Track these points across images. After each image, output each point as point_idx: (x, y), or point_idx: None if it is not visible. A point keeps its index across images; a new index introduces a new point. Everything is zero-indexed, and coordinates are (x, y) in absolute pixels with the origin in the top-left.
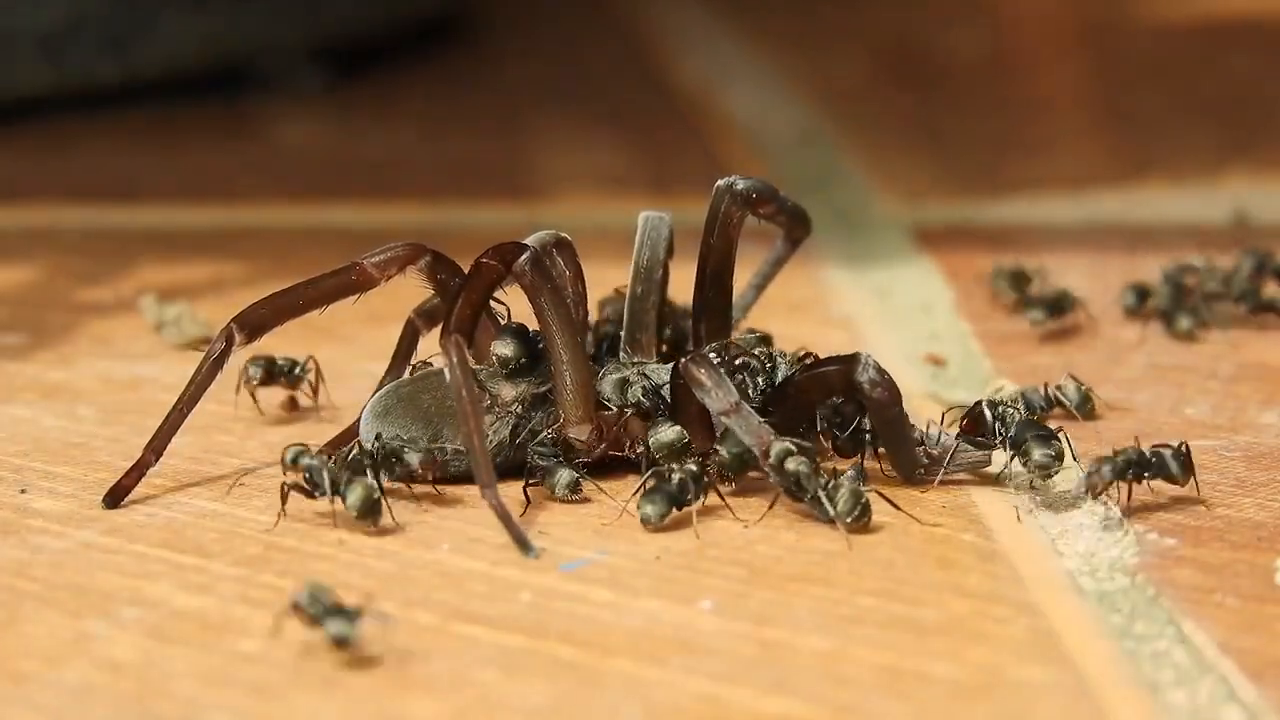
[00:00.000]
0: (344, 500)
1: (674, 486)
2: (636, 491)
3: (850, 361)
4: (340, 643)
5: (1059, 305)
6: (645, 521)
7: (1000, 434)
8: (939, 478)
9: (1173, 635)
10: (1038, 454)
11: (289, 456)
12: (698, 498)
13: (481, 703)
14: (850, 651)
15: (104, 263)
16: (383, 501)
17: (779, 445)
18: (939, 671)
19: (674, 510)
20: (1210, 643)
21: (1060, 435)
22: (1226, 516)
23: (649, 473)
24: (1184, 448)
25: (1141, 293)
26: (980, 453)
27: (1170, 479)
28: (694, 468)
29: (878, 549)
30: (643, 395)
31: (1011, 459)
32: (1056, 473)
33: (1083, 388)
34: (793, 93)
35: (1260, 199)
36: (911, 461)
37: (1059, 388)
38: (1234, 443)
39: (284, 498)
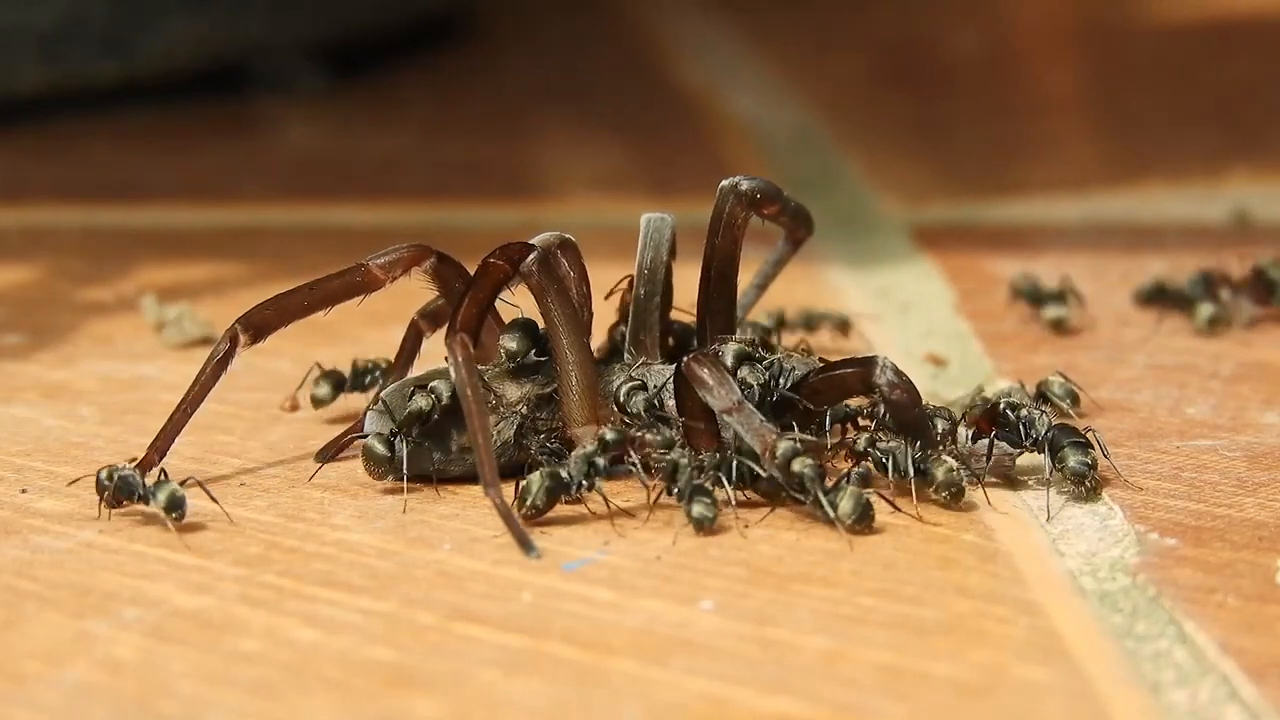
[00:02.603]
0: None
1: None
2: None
3: (868, 363)
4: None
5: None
6: (700, 524)
7: (1028, 434)
8: (971, 474)
9: (1174, 635)
10: (1073, 461)
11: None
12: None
13: (482, 703)
14: (851, 651)
15: (104, 263)
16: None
17: (785, 444)
18: (940, 671)
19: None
20: (1211, 643)
21: (1093, 439)
22: (1227, 516)
23: (684, 474)
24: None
25: (1209, 280)
26: (1006, 453)
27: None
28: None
29: (879, 549)
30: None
31: (1043, 456)
32: (1090, 481)
33: (1067, 384)
34: (793, 94)
35: (1260, 199)
36: None
37: (1045, 383)
38: (1235, 442)
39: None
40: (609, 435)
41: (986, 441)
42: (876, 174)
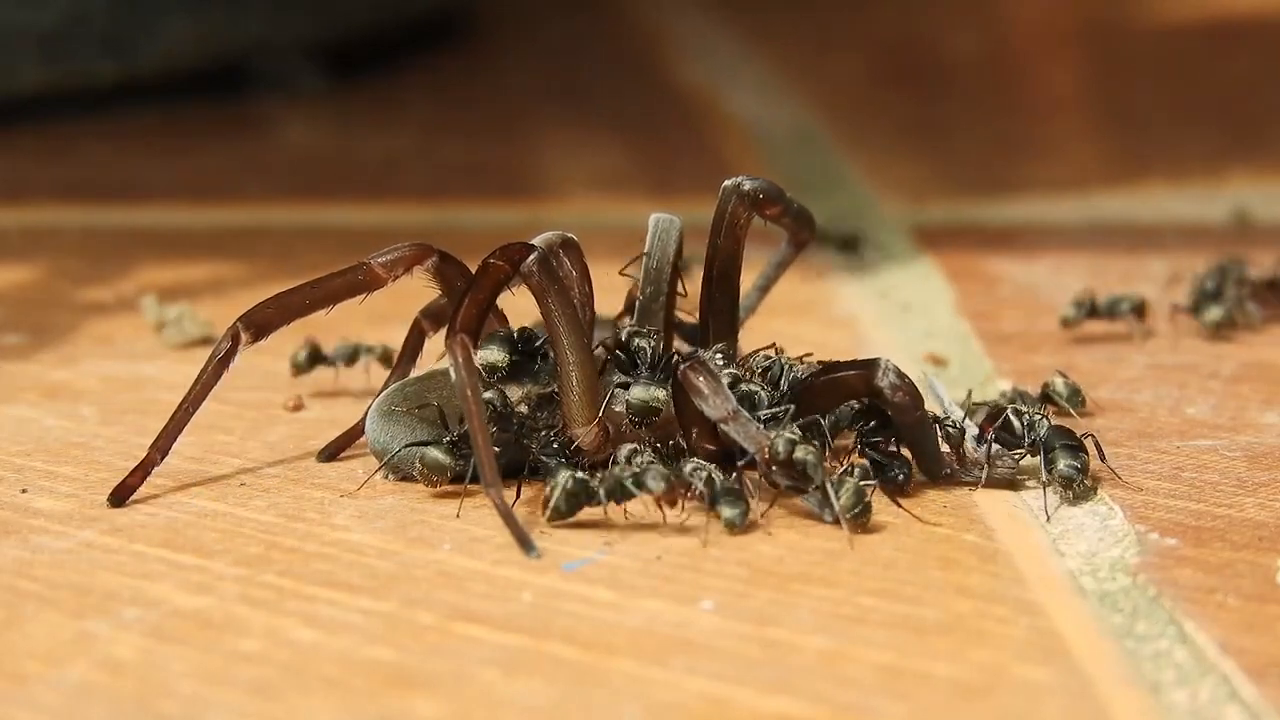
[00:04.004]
0: None
1: (738, 485)
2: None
3: (870, 366)
4: None
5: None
6: (732, 526)
7: (1028, 437)
8: (979, 481)
9: (1174, 635)
10: (1063, 464)
11: None
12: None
13: (482, 703)
14: (852, 651)
15: (104, 263)
16: None
17: (784, 436)
18: (940, 671)
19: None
20: (1211, 643)
21: (1087, 443)
22: (1228, 516)
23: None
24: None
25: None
26: (1011, 457)
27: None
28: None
29: (879, 549)
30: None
31: (1036, 457)
32: (1078, 486)
33: (1070, 383)
34: (793, 94)
35: (1260, 199)
36: (937, 463)
37: (1049, 383)
38: (1235, 442)
39: None
40: (654, 485)
41: (988, 444)
42: (876, 174)
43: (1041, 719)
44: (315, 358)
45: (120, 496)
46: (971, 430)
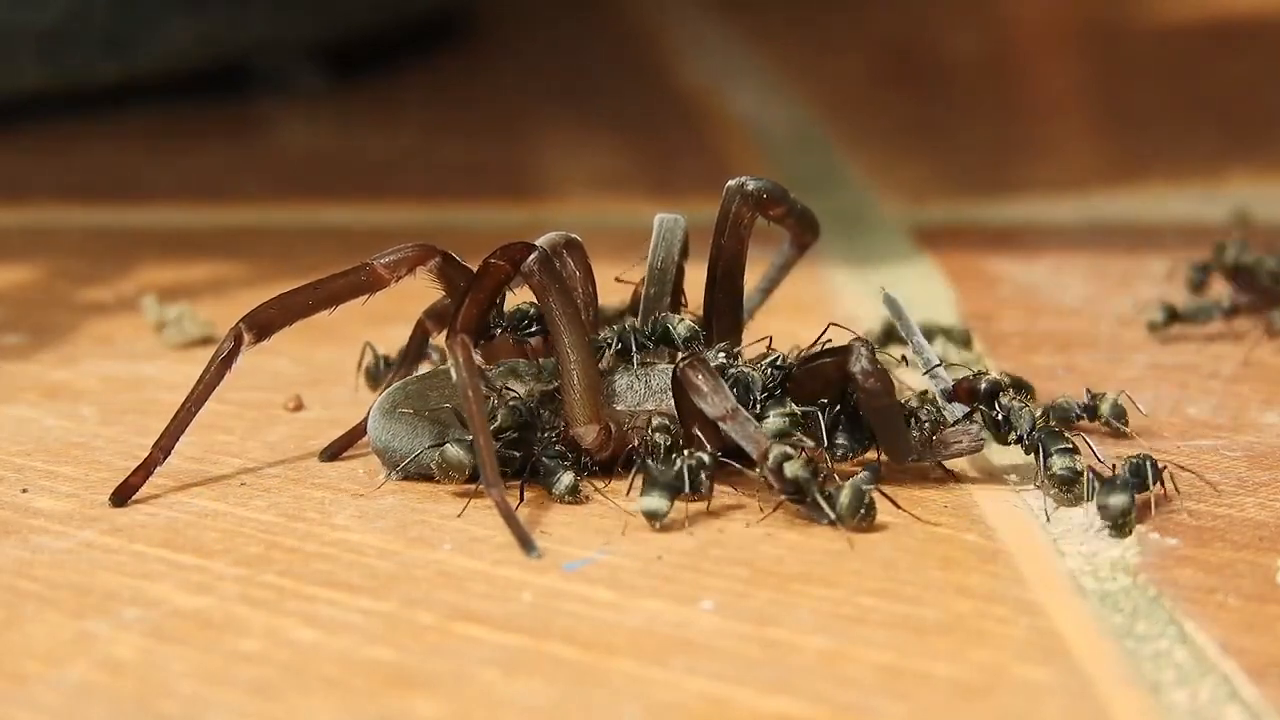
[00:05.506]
0: None
1: (672, 478)
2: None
3: (844, 352)
4: None
5: None
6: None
7: (1013, 431)
8: (936, 460)
9: (1174, 635)
10: (1058, 466)
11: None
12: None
13: (482, 702)
14: (852, 651)
15: (104, 263)
16: None
17: (777, 450)
18: (940, 671)
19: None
20: (1212, 643)
21: (1079, 445)
22: (1228, 516)
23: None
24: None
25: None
26: (974, 438)
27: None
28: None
29: (880, 549)
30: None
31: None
32: (1078, 489)
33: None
34: (793, 94)
35: (1260, 199)
36: (904, 448)
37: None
38: (1235, 442)
39: None
40: None
41: (961, 413)
42: (876, 174)
43: (1041, 719)
44: None
45: (122, 496)
46: (945, 386)
